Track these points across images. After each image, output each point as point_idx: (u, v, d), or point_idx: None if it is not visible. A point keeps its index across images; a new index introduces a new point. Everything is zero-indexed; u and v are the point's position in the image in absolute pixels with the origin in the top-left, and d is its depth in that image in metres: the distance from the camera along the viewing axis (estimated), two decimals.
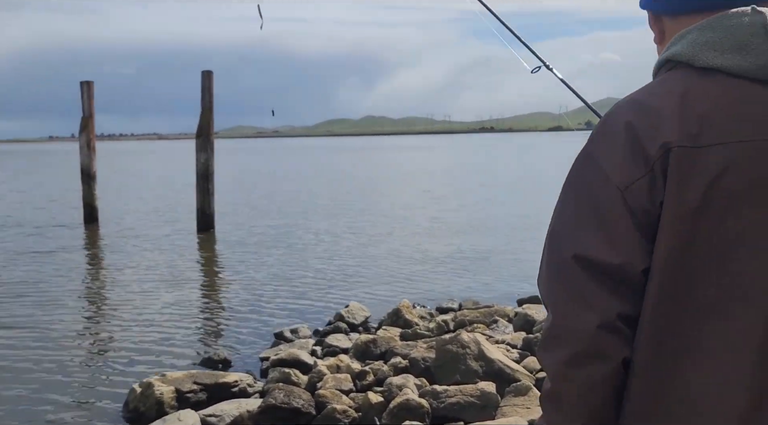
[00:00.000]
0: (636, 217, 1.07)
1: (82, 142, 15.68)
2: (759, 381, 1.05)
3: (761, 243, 1.05)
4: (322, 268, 10.34)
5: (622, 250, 1.06)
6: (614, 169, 1.08)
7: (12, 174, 40.54)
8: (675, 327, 1.07)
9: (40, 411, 5.06)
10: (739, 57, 1.08)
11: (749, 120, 1.06)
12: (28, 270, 10.43)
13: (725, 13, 1.10)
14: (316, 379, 4.85)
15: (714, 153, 1.04)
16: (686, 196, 1.04)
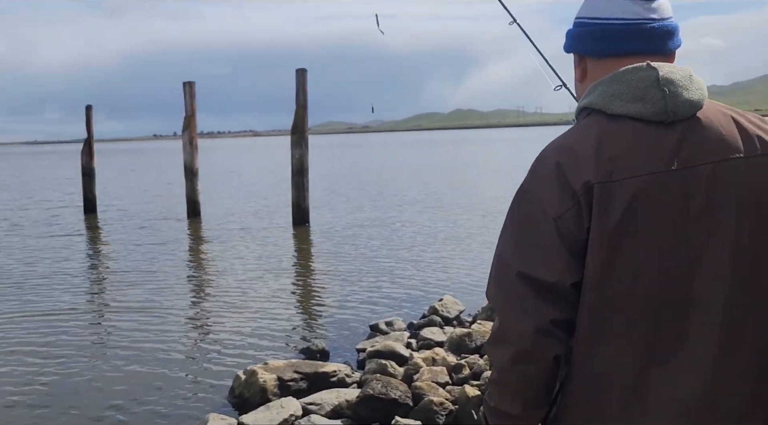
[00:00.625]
0: (567, 242, 1.33)
1: (184, 139, 16.44)
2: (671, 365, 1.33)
3: (664, 251, 1.31)
4: (415, 261, 10.42)
5: (556, 270, 1.33)
6: (548, 202, 1.34)
7: (121, 171, 43.01)
8: (604, 326, 1.34)
9: (150, 392, 5.39)
10: (640, 105, 1.34)
11: (652, 155, 1.32)
12: (139, 261, 11.09)
13: (627, 68, 1.37)
14: (413, 371, 4.91)
15: (626, 185, 1.31)
16: (608, 221, 1.31)
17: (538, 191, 1.37)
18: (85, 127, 18.27)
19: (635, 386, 1.35)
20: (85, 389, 5.55)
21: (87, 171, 18.24)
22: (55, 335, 7.10)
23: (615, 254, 1.31)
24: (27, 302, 8.57)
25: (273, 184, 27.29)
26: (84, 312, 8.20)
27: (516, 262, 1.37)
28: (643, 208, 1.31)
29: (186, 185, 16.55)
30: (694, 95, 1.36)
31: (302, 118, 14.55)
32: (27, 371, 5.99)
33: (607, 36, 1.45)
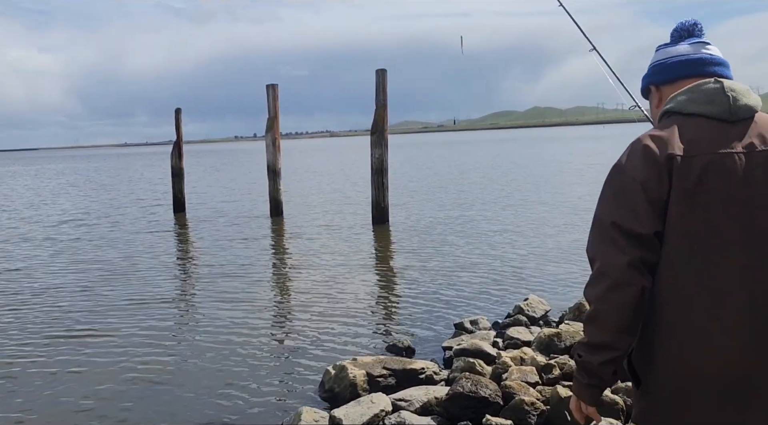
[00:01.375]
0: (650, 200, 1.79)
1: (268, 140, 16.86)
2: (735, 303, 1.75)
3: (727, 210, 1.76)
4: (499, 260, 10.33)
5: (643, 221, 1.78)
6: (638, 172, 1.81)
7: (206, 171, 44.56)
8: (680, 268, 1.78)
9: (241, 384, 5.57)
10: (710, 106, 1.84)
11: (721, 141, 1.81)
12: (226, 257, 11.48)
13: (700, 82, 1.88)
14: (501, 370, 4.87)
15: (697, 160, 1.79)
16: (686, 183, 1.78)
17: (629, 165, 1.85)
18: (174, 129, 19.03)
19: (704, 319, 1.77)
20: (178, 380, 5.78)
21: (176, 171, 19.00)
22: (148, 326, 7.46)
23: (691, 208, 1.78)
24: (125, 293, 9.04)
25: (352, 183, 27.63)
26: (176, 305, 8.57)
27: (610, 215, 1.83)
28: (713, 177, 1.79)
29: (269, 184, 16.98)
30: (751, 102, 1.86)
31: (382, 118, 14.66)
32: (120, 360, 6.32)
33: (678, 65, 1.98)
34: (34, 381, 5.88)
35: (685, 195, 1.78)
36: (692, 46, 1.99)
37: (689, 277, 1.78)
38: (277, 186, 16.90)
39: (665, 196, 1.79)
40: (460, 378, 4.62)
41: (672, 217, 1.79)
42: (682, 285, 1.79)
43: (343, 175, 34.55)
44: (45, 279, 10.29)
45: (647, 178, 1.80)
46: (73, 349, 6.72)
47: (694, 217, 1.78)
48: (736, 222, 1.78)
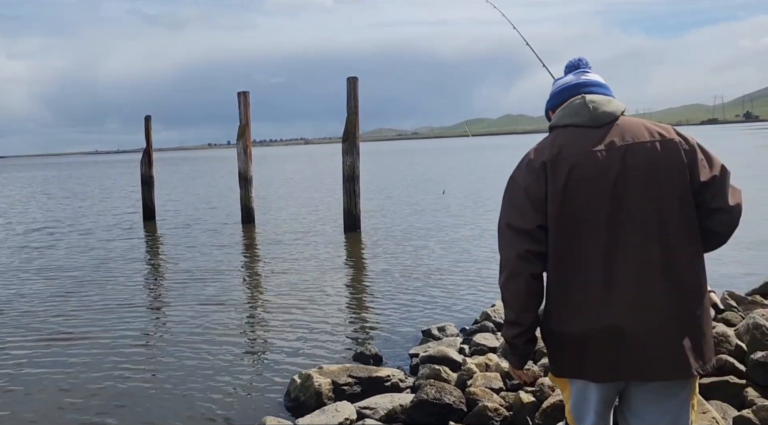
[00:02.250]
0: (533, 201, 2.32)
1: (239, 148, 16.79)
2: (606, 276, 2.26)
3: (594, 199, 2.27)
4: (468, 266, 10.39)
5: (526, 219, 2.32)
6: (522, 180, 2.37)
7: (178, 179, 44.14)
8: (563, 250, 2.31)
9: (206, 393, 5.51)
10: (576, 118, 2.38)
11: (585, 143, 2.32)
12: (195, 266, 11.36)
13: (570, 100, 2.45)
14: (466, 377, 4.90)
15: (565, 161, 2.31)
16: (557, 183, 2.30)
17: (517, 175, 2.42)
18: (144, 137, 18.84)
19: (596, 285, 2.28)
20: (142, 388, 5.71)
21: (146, 179, 18.80)
22: (115, 334, 7.36)
23: (564, 203, 2.29)
24: (90, 301, 8.91)
25: (324, 190, 27.59)
26: (142, 313, 8.47)
27: (505, 218, 2.40)
28: (579, 172, 2.29)
29: (241, 192, 16.89)
30: (611, 109, 2.38)
31: (353, 126, 14.69)
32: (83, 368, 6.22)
33: (561, 92, 2.54)
34: (3, 386, 5.77)
35: (557, 191, 2.30)
36: (575, 76, 2.55)
37: (567, 258, 2.32)
38: (249, 193, 16.82)
39: (544, 195, 2.32)
40: (425, 385, 4.63)
41: (550, 212, 2.31)
42: (562, 266, 2.33)
43: (316, 182, 34.48)
44: (16, 286, 10.09)
45: (529, 183, 2.35)
46: (42, 354, 6.61)
47: (566, 209, 2.30)
48: (600, 208, 2.28)
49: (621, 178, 2.27)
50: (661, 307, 2.27)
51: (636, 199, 2.27)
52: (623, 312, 2.26)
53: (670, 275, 2.28)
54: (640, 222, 2.27)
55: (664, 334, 2.27)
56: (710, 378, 4.17)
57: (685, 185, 2.30)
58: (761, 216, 14.21)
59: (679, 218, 2.30)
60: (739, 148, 47.83)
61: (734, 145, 53.11)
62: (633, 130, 2.34)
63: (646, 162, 2.28)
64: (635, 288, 2.26)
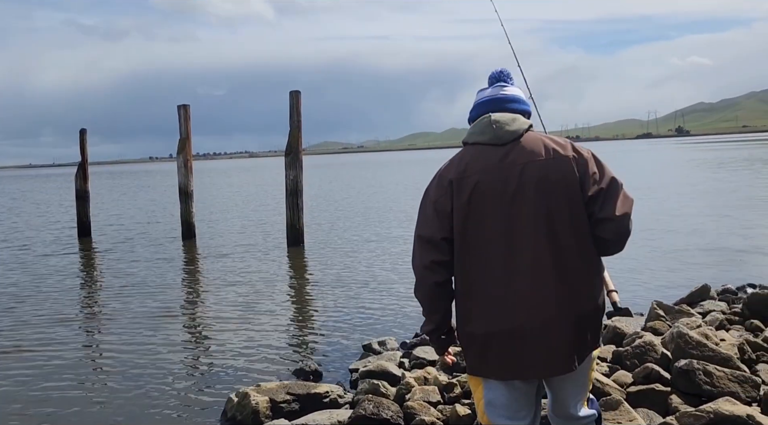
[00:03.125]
0: (440, 214, 2.57)
1: (179, 162, 16.51)
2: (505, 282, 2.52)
3: (493, 212, 2.52)
4: (409, 280, 10.43)
5: (433, 230, 2.58)
6: (433, 194, 2.63)
7: (116, 193, 42.99)
8: (466, 259, 2.56)
9: (141, 413, 5.38)
10: (482, 136, 2.61)
11: (488, 160, 2.56)
12: (132, 282, 11.08)
13: (479, 119, 2.67)
14: (405, 391, 4.92)
15: (471, 177, 2.55)
16: (461, 198, 2.54)
17: (429, 189, 2.67)
18: (80, 151, 18.33)
19: (498, 292, 2.53)
20: (71, 411, 5.52)
21: (81, 194, 18.26)
22: (48, 348, 7.11)
23: (467, 217, 2.55)
24: (22, 317, 8.56)
25: (268, 204, 27.35)
26: (76, 329, 8.22)
27: (417, 229, 2.67)
28: (482, 189, 2.54)
29: (181, 206, 16.60)
30: (514, 127, 2.60)
31: (296, 140, 14.64)
32: (17, 386, 5.98)
33: (477, 106, 2.76)
34: None
35: (461, 206, 2.56)
36: (493, 89, 2.76)
37: (470, 266, 2.58)
38: (190, 208, 16.54)
39: (450, 210, 2.58)
40: (363, 400, 4.63)
41: (455, 225, 2.57)
42: (466, 273, 2.59)
43: (260, 196, 34.15)
44: None
45: (437, 197, 2.62)
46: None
47: (469, 221, 2.56)
48: (499, 220, 2.54)
49: (518, 192, 2.53)
50: (550, 307, 2.51)
51: (530, 210, 2.52)
52: (520, 313, 2.52)
53: (560, 278, 2.52)
54: (533, 231, 2.52)
55: (553, 332, 2.52)
56: (637, 387, 4.31)
57: (575, 196, 2.54)
58: (691, 227, 14.81)
59: (569, 226, 2.53)
60: (671, 162, 49.71)
61: (667, 159, 55.14)
62: (532, 147, 2.58)
63: (539, 177, 2.52)
64: (530, 291, 2.51)
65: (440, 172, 2.66)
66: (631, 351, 4.77)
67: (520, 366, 2.55)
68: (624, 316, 2.96)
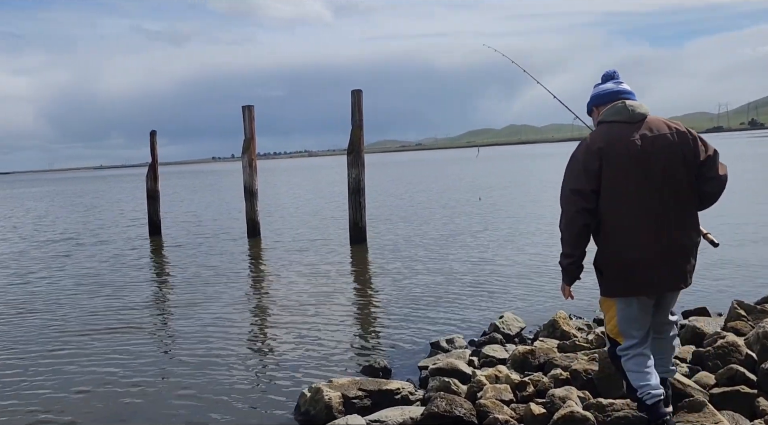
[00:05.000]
0: (588, 173, 3.53)
1: (244, 161, 16.85)
2: (638, 222, 3.54)
3: (631, 172, 3.52)
4: (474, 278, 10.37)
5: (583, 184, 3.54)
6: (582, 156, 3.59)
7: (184, 193, 44.25)
8: (611, 205, 3.54)
9: (215, 408, 5.51)
10: (619, 116, 3.61)
11: (623, 134, 3.56)
12: (201, 280, 11.39)
13: (614, 104, 3.67)
14: (476, 389, 4.89)
15: (613, 146, 3.53)
16: (607, 161, 3.52)
17: (577, 154, 3.61)
18: (150, 152, 18.93)
19: (633, 229, 3.52)
20: (146, 403, 5.71)
21: (152, 193, 18.88)
22: (121, 346, 7.39)
23: (611, 175, 3.50)
24: (93, 316, 8.91)
25: (329, 202, 27.64)
26: (149, 326, 8.50)
27: (567, 184, 3.60)
28: (621, 154, 3.49)
29: (246, 205, 16.94)
30: (642, 110, 3.61)
31: (358, 138, 14.74)
32: (92, 381, 6.23)
33: (605, 95, 3.73)
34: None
35: (607, 167, 3.52)
36: (613, 84, 3.79)
37: (612, 211, 3.54)
38: (254, 206, 16.86)
39: (596, 169, 3.53)
40: (435, 397, 4.62)
41: (603, 180, 3.53)
42: (609, 215, 3.55)
43: (321, 194, 34.54)
44: (39, 290, 10.13)
45: (586, 159, 3.57)
46: (48, 368, 6.61)
47: (612, 179, 3.51)
48: (634, 178, 3.51)
49: (649, 157, 3.51)
50: (671, 241, 3.55)
51: (657, 169, 3.51)
52: (650, 246, 3.53)
53: (677, 220, 3.55)
54: (659, 186, 3.52)
55: (674, 260, 3.58)
56: (721, 388, 4.17)
57: (689, 161, 3.56)
58: None
59: (684, 183, 3.56)
60: (745, 156, 47.73)
61: (739, 153, 52.99)
62: (657, 125, 3.61)
63: (664, 146, 3.53)
64: (657, 229, 3.52)
65: (586, 141, 3.64)
66: (713, 352, 4.61)
67: (651, 285, 3.57)
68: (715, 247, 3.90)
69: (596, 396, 4.38)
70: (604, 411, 4.05)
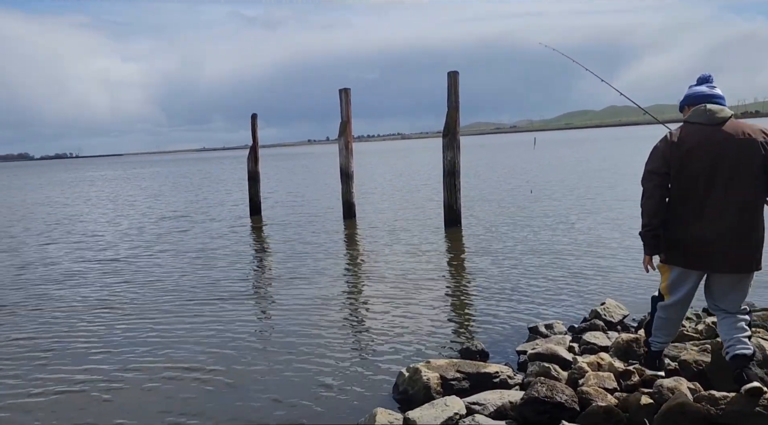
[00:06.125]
0: (665, 159, 4.19)
1: (341, 144, 17.09)
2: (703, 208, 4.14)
3: (702, 165, 4.12)
4: (574, 263, 10.12)
5: (660, 167, 4.20)
6: (662, 146, 4.23)
7: (281, 174, 45.53)
8: (680, 191, 4.20)
9: (313, 385, 5.67)
10: (700, 118, 4.21)
11: (701, 134, 4.16)
12: (299, 260, 11.71)
13: (697, 107, 4.26)
14: (577, 376, 4.78)
15: (689, 143, 4.16)
16: (682, 153, 4.16)
17: (660, 144, 4.23)
18: (251, 134, 19.55)
19: (696, 212, 4.13)
20: (250, 381, 5.91)
21: (252, 175, 19.52)
22: (222, 325, 7.71)
23: (684, 165, 4.13)
24: (202, 290, 9.37)
25: (423, 185, 27.66)
26: (249, 303, 8.83)
27: (648, 166, 4.25)
28: (696, 149, 4.11)
29: (342, 187, 17.20)
30: (721, 115, 4.16)
31: (454, 121, 14.62)
32: (190, 358, 6.55)
33: (698, 97, 4.29)
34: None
35: (681, 158, 4.12)
36: (707, 88, 4.32)
37: (681, 196, 4.15)
38: (350, 188, 17.10)
39: (673, 157, 4.13)
40: (535, 382, 4.56)
41: (675, 169, 4.14)
42: (678, 199, 4.17)
43: (414, 177, 34.60)
44: (151, 264, 10.81)
45: (664, 148, 4.19)
46: (144, 340, 7.04)
47: (683, 169, 4.12)
48: (703, 172, 4.08)
49: (719, 155, 4.06)
50: (735, 227, 4.06)
51: (725, 166, 4.05)
52: (713, 229, 4.07)
53: (743, 210, 4.06)
54: (726, 181, 4.04)
55: (736, 245, 4.07)
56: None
57: (756, 162, 4.04)
58: None
59: (749, 179, 4.05)
60: None
61: None
62: (733, 129, 4.11)
63: (735, 149, 4.06)
64: (719, 214, 4.06)
65: (668, 134, 4.22)
66: None
67: (704, 263, 4.15)
68: None
69: (707, 389, 4.19)
70: (717, 405, 3.87)
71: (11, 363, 6.75)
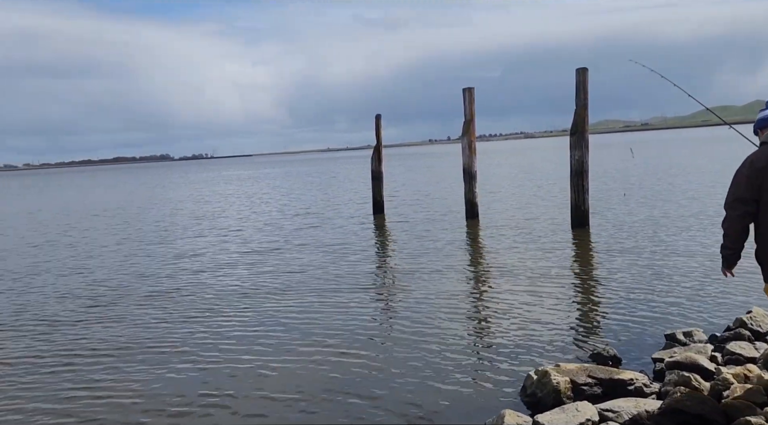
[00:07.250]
0: (751, 185, 4.24)
1: (464, 143, 17.00)
2: None
3: None
4: (711, 267, 9.50)
5: (746, 194, 4.25)
6: (746, 171, 4.27)
7: (403, 174, 46.03)
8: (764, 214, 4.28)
9: (442, 384, 5.68)
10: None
11: None
12: (422, 259, 11.79)
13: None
14: (722, 387, 4.49)
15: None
16: (764, 180, 4.23)
17: (743, 169, 4.28)
18: (374, 134, 19.90)
19: None
20: (376, 375, 6.02)
21: (376, 175, 19.87)
22: (343, 321, 7.92)
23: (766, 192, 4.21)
24: (322, 294, 9.64)
25: (548, 185, 26.96)
26: (374, 302, 8.99)
27: (732, 193, 4.30)
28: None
29: (465, 187, 17.12)
30: None
31: (582, 119, 14.13)
32: (315, 349, 6.78)
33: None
34: None
35: (765, 183, 4.15)
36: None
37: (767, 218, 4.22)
38: (473, 188, 16.98)
39: (757, 183, 4.18)
40: (674, 392, 4.34)
41: (762, 193, 4.18)
42: (764, 221, 4.22)
43: (538, 176, 33.80)
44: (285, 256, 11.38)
45: (749, 174, 4.21)
46: (266, 334, 7.34)
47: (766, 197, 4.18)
48: None
49: None
50: None
51: None
52: None
53: None
54: None
55: None
56: None
57: None
58: None
59: None
60: None
61: None
62: None
63: None
64: None
65: (751, 158, 4.26)
66: None
67: None
68: None
69: None
70: None
71: (177, 340, 7.47)
